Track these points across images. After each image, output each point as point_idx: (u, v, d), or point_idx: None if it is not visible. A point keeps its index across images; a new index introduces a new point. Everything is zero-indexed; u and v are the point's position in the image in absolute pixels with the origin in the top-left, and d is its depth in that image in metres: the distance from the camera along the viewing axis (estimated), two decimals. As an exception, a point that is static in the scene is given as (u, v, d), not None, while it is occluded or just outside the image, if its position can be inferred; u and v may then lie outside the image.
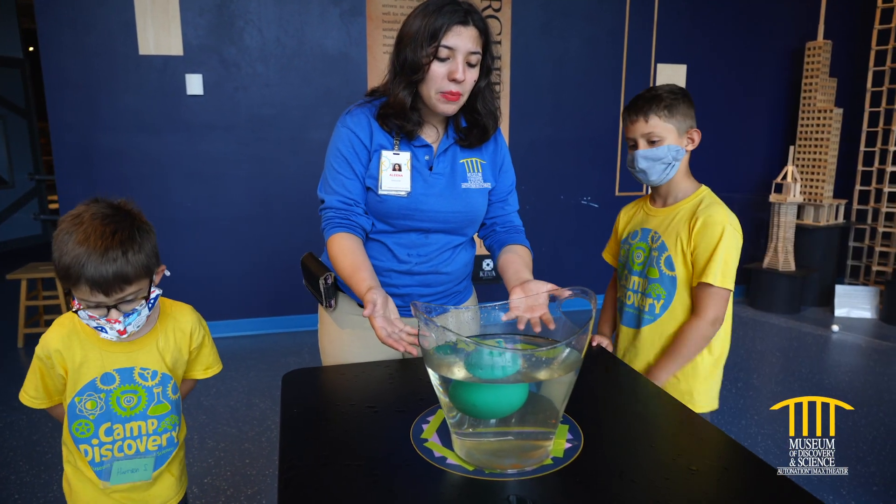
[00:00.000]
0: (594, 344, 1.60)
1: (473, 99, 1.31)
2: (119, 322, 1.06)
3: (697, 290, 1.44)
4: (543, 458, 0.95)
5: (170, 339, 1.21)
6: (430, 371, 0.95)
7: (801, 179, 4.50)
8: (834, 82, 4.46)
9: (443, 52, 1.19)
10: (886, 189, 4.40)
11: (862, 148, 4.56)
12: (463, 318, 1.09)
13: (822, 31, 4.34)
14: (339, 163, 1.30)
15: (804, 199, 4.47)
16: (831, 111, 4.34)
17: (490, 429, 0.95)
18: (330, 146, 1.34)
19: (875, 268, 4.49)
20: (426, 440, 1.02)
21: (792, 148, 4.31)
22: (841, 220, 4.57)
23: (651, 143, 1.45)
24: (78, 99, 3.37)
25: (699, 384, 1.49)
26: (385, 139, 1.31)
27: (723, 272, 1.39)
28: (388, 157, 1.29)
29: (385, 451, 0.99)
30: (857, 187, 4.62)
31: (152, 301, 1.12)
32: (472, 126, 1.35)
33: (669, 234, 1.48)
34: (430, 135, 1.35)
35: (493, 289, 4.04)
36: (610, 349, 1.64)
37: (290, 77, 3.63)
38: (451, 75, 1.20)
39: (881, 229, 4.45)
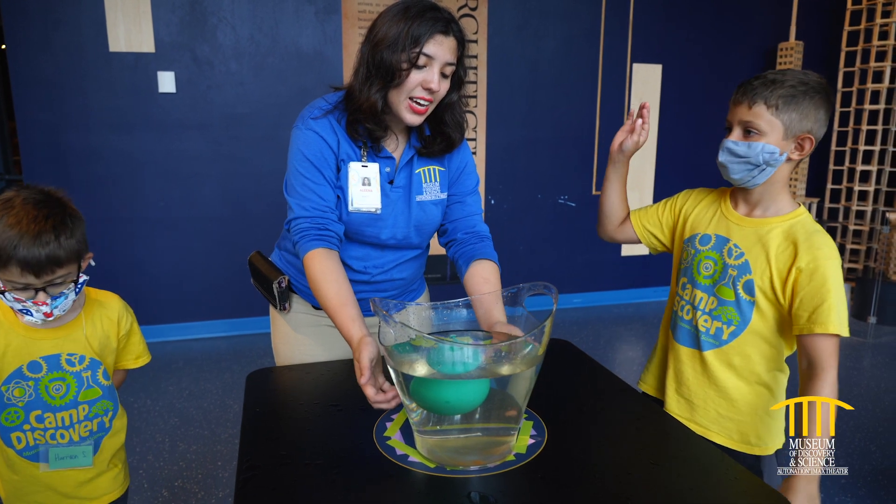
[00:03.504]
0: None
1: (442, 111, 1.25)
2: (46, 305, 1.08)
3: (811, 341, 1.17)
4: (506, 454, 0.95)
5: (97, 326, 1.22)
6: (390, 369, 0.95)
7: (775, 178, 4.56)
8: (806, 82, 4.52)
9: (421, 60, 1.13)
10: (857, 188, 4.48)
11: (833, 147, 4.64)
12: (423, 315, 1.08)
13: (794, 32, 4.41)
14: (306, 167, 1.22)
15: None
16: (803, 111, 4.40)
17: (453, 426, 0.94)
18: (293, 151, 1.24)
19: (846, 265, 4.56)
20: (389, 438, 1.01)
21: (765, 147, 4.36)
22: (813, 218, 4.64)
23: (748, 133, 1.20)
24: (47, 97, 3.30)
25: (765, 424, 1.28)
26: (351, 150, 1.24)
27: (843, 318, 1.16)
28: (356, 170, 1.22)
29: (347, 450, 0.98)
30: (829, 186, 4.69)
31: (79, 286, 1.13)
32: (436, 135, 1.29)
33: (757, 256, 1.24)
34: (391, 144, 1.28)
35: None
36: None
37: (265, 75, 3.59)
38: (425, 84, 1.15)
39: (852, 227, 4.53)
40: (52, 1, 3.21)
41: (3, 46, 6.57)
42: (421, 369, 0.92)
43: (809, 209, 4.60)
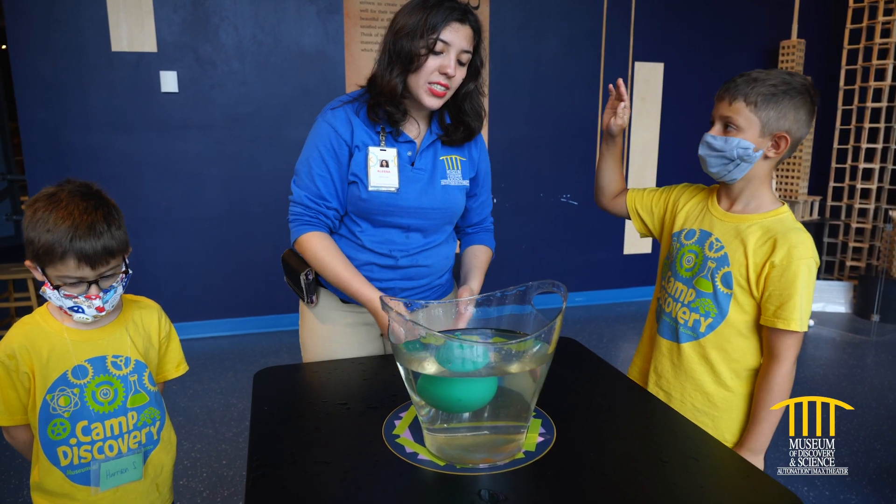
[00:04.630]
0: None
1: (461, 100, 1.33)
2: (98, 298, 1.07)
3: (773, 333, 1.22)
4: (515, 452, 0.95)
5: (139, 327, 1.20)
6: (399, 367, 0.95)
7: (777, 176, 4.57)
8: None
9: (438, 46, 1.21)
10: (859, 186, 4.48)
11: (835, 145, 4.63)
12: (434, 314, 1.08)
13: (796, 31, 4.41)
14: (314, 158, 1.30)
15: (780, 196, 4.53)
16: (805, 109, 4.40)
17: (462, 424, 0.94)
18: (308, 140, 1.33)
19: (849, 263, 4.56)
20: (398, 436, 1.01)
21: (767, 145, 4.36)
22: (815, 216, 4.64)
23: (727, 128, 1.23)
24: (49, 97, 3.30)
25: (742, 422, 1.31)
26: (368, 136, 1.30)
27: (805, 315, 1.20)
28: (375, 154, 1.30)
29: (356, 448, 0.98)
30: (831, 184, 4.69)
31: (126, 279, 1.13)
32: (457, 124, 1.37)
33: (736, 249, 1.25)
34: (413, 130, 1.35)
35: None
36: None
37: (267, 75, 3.59)
38: (442, 69, 1.22)
39: (854, 225, 4.53)
40: (53, 1, 3.21)
41: (5, 47, 6.58)
42: (430, 367, 0.92)
43: (811, 207, 4.60)
